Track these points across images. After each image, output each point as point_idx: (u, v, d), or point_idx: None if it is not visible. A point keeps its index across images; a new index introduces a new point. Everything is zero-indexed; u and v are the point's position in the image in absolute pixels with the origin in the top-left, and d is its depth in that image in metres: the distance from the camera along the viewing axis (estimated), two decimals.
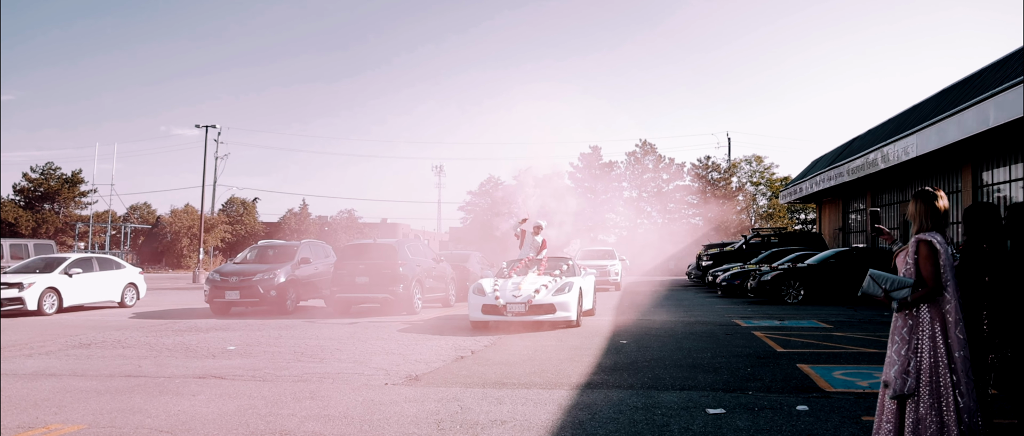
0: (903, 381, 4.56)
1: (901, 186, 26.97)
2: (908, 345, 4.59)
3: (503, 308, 11.93)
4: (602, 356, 9.17)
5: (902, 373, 4.58)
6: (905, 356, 4.58)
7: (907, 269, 4.68)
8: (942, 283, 4.52)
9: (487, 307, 12.12)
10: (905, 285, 4.61)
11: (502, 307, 11.94)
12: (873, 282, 4.71)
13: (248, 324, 13.71)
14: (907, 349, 4.59)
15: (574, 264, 14.47)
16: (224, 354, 9.80)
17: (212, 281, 16.09)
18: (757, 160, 65.36)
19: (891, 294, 4.66)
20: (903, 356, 4.58)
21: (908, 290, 4.58)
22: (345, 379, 7.79)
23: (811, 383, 7.24)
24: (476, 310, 12.22)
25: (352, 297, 15.61)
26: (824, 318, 13.98)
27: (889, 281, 4.68)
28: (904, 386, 4.56)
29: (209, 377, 8.02)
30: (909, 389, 4.56)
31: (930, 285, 4.52)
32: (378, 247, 16.26)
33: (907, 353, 4.58)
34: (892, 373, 4.63)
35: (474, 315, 12.23)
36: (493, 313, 12.03)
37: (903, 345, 4.60)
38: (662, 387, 7.13)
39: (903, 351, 4.59)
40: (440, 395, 6.88)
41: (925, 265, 4.56)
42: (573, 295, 12.29)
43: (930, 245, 4.56)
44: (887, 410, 4.67)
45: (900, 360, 4.59)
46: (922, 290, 4.54)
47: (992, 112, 16.42)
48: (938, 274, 4.53)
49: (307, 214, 67.17)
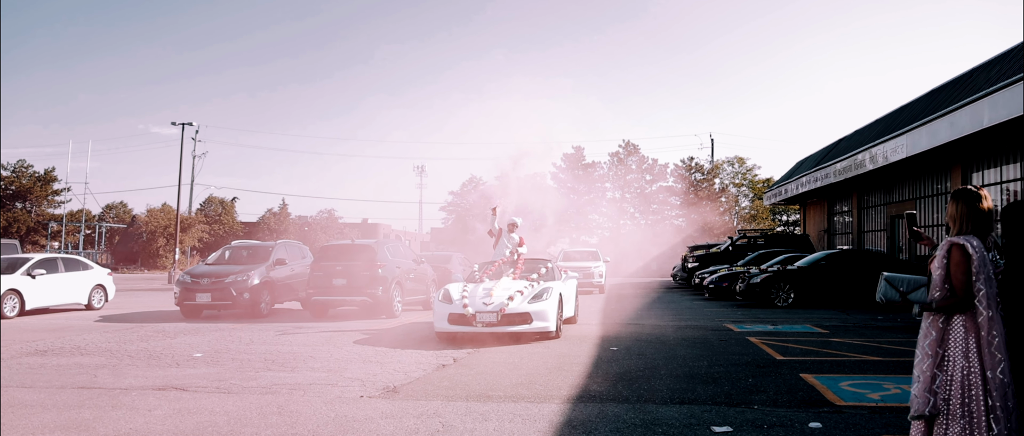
0: (925, 400, 4.06)
1: (888, 187, 26.72)
2: (933, 360, 4.08)
3: (472, 318, 10.55)
4: (592, 365, 8.64)
5: (925, 391, 4.07)
6: (930, 372, 4.07)
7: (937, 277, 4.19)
8: (973, 292, 4.03)
9: (454, 317, 10.72)
10: (921, 284, 4.15)
11: (471, 317, 10.55)
12: (889, 286, 4.23)
13: (219, 328, 13.06)
14: (931, 364, 4.08)
15: (554, 267, 13.01)
16: (189, 362, 9.17)
17: (182, 283, 15.41)
18: (739, 161, 65.32)
19: (909, 297, 4.19)
20: (927, 372, 4.08)
21: (924, 290, 4.13)
22: (317, 391, 7.21)
23: (819, 396, 6.75)
24: (442, 320, 10.83)
25: (329, 300, 14.99)
26: (817, 322, 13.56)
27: (905, 282, 4.21)
28: (926, 406, 4.06)
29: (169, 389, 7.40)
30: (932, 410, 4.06)
31: (960, 295, 4.03)
32: (356, 248, 15.65)
33: (932, 369, 4.08)
34: (914, 390, 4.13)
35: (439, 326, 10.86)
36: (460, 323, 10.66)
37: (928, 359, 4.10)
38: (659, 400, 6.61)
39: (926, 366, 4.09)
40: (420, 410, 6.32)
41: (956, 272, 4.05)
42: (551, 302, 10.93)
43: (963, 250, 4.05)
44: (913, 430, 4.18)
45: (924, 377, 4.08)
46: (952, 298, 4.05)
47: (987, 112, 16.11)
48: (969, 283, 4.03)
49: (287, 214, 66.23)
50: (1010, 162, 18.89)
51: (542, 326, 10.72)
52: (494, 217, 13.73)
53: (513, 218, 13.60)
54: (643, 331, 12.14)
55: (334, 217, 62.49)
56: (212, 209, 63.22)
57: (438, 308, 10.99)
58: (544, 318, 10.75)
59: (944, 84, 21.92)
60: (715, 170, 61.04)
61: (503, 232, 13.50)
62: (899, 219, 26.13)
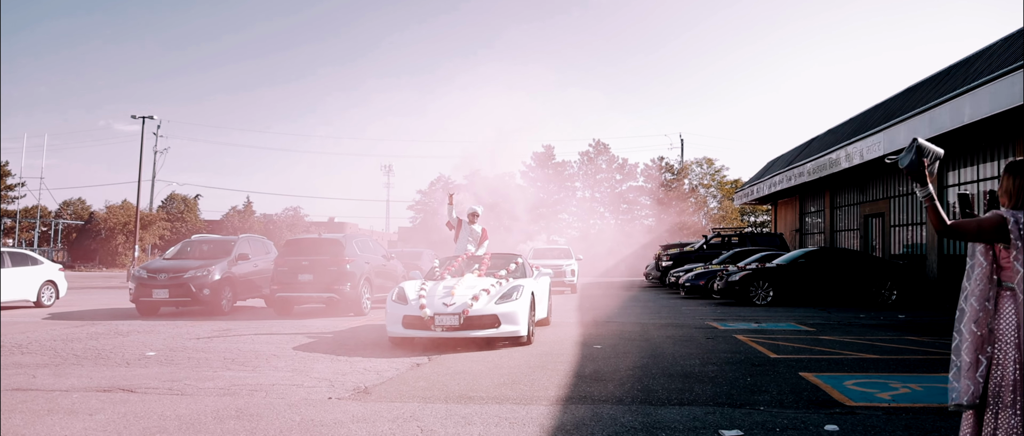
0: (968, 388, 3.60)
1: (862, 187, 26.67)
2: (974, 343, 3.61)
3: (429, 321, 9.07)
4: (578, 363, 8.10)
5: (968, 379, 3.61)
6: (971, 357, 3.60)
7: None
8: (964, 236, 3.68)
9: (409, 319, 9.26)
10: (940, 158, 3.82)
11: (428, 320, 9.07)
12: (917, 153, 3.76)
13: (176, 326, 12.28)
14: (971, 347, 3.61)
15: (525, 263, 11.45)
16: (141, 361, 8.44)
17: (138, 278, 14.55)
18: (708, 163, 65.57)
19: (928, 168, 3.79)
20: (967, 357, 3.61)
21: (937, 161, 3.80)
22: (280, 392, 6.56)
23: (826, 396, 6.28)
24: (395, 323, 9.35)
25: (294, 296, 14.25)
26: (801, 320, 13.20)
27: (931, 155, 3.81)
28: (967, 395, 3.60)
29: (115, 390, 6.69)
30: (970, 399, 3.59)
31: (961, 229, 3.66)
32: (323, 242, 14.94)
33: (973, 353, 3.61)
34: (956, 379, 3.66)
35: (392, 329, 9.39)
36: (417, 327, 9.20)
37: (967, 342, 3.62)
38: (657, 401, 6.09)
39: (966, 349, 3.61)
40: (395, 413, 5.72)
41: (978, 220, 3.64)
42: (522, 302, 9.49)
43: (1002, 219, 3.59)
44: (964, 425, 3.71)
45: (965, 363, 3.61)
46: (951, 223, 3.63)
47: (967, 108, 15.94)
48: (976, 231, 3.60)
49: (251, 212, 64.88)
50: (989, 160, 18.80)
51: (511, 330, 9.29)
52: (451, 206, 12.21)
53: (473, 207, 12.31)
54: (625, 329, 11.64)
55: (300, 215, 61.34)
56: (174, 207, 61.61)
57: (391, 309, 9.53)
58: (514, 321, 9.31)
59: (923, 81, 21.82)
60: (685, 171, 61.06)
61: (463, 223, 12.20)
62: (873, 218, 26.07)
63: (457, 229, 12.32)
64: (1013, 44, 16.13)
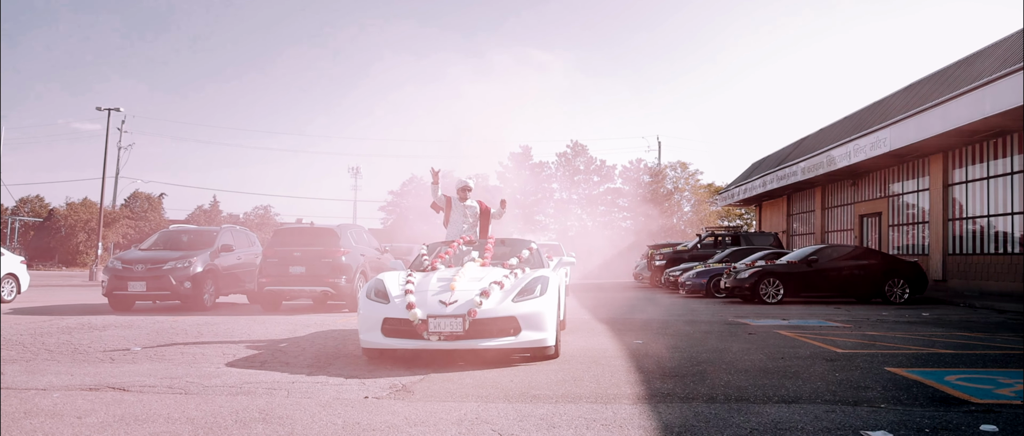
0: None
1: (856, 186, 26.26)
2: None
3: (421, 326, 6.55)
4: (631, 359, 7.19)
5: None
6: None
7: None
8: None
9: (392, 325, 6.69)
10: None
11: (420, 325, 6.55)
12: None
13: (157, 321, 11.11)
14: None
15: (539, 249, 8.96)
16: (127, 357, 7.34)
17: (112, 270, 13.32)
18: (682, 166, 65.32)
19: None
20: None
21: None
22: (305, 390, 5.55)
23: (940, 393, 5.46)
24: (371, 329, 6.78)
25: (285, 290, 13.15)
26: (826, 317, 12.46)
27: None
28: None
29: (105, 389, 5.62)
30: None
31: None
32: (316, 232, 13.87)
33: None
34: None
35: (368, 338, 6.79)
36: (402, 336, 6.63)
37: None
38: (754, 399, 5.21)
39: None
40: (454, 414, 4.75)
41: None
42: (548, 300, 6.92)
43: None
44: None
45: None
46: None
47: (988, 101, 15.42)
48: None
49: (218, 211, 63.10)
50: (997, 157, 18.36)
51: (535, 339, 6.71)
52: (437, 185, 9.54)
53: (464, 180, 9.60)
54: (651, 326, 10.76)
55: (270, 214, 59.69)
56: (138, 205, 59.50)
57: (366, 309, 6.91)
58: (538, 325, 6.74)
59: (922, 79, 21.41)
60: (662, 173, 60.72)
61: (453, 202, 9.50)
62: (868, 218, 25.66)
63: (446, 210, 9.57)
64: None
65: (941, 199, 20.33)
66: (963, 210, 19.65)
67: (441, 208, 9.67)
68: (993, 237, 18.49)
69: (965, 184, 19.56)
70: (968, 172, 19.44)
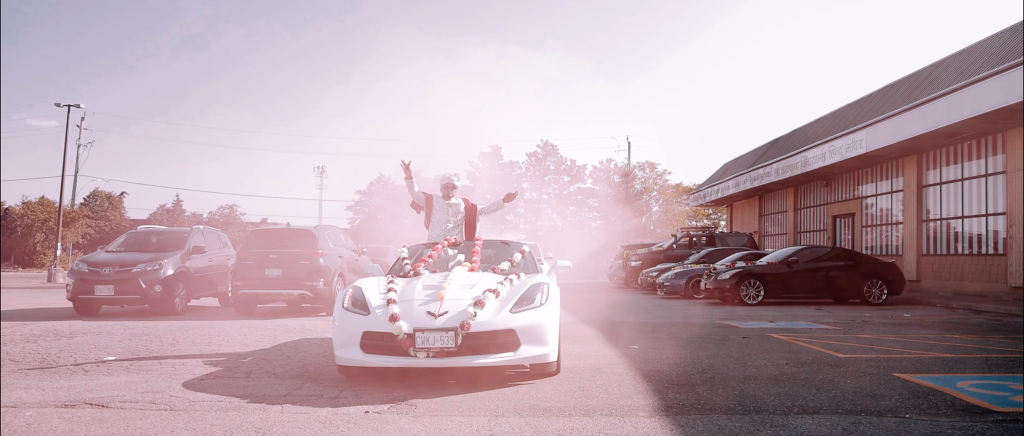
0: None
1: (830, 187, 26.45)
2: None
3: (408, 341, 5.74)
4: (633, 367, 6.96)
5: None
6: None
7: None
8: None
9: (373, 339, 5.91)
10: None
11: (405, 339, 5.74)
12: None
13: (127, 327, 10.62)
14: None
15: (532, 252, 8.16)
16: (101, 368, 6.92)
17: (78, 273, 12.74)
18: (650, 167, 65.60)
19: None
20: None
21: None
22: (299, 404, 5.21)
23: (960, 401, 5.31)
24: (348, 344, 5.98)
25: (261, 293, 12.72)
26: (811, 318, 12.41)
27: None
28: None
29: (81, 405, 5.22)
30: None
31: None
32: (293, 233, 13.47)
33: None
34: None
35: (345, 354, 5.99)
36: (386, 352, 5.84)
37: None
38: (772, 410, 5.00)
39: None
40: (465, 430, 4.47)
41: None
42: (549, 310, 6.21)
43: None
44: None
45: None
46: None
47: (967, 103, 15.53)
48: None
49: (181, 210, 61.81)
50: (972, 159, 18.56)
51: (536, 353, 5.97)
52: (411, 180, 8.70)
53: (449, 177, 8.79)
54: (642, 330, 10.56)
55: (236, 214, 58.58)
56: (98, 204, 57.96)
57: (343, 321, 6.12)
58: (539, 339, 6.00)
59: (895, 82, 21.59)
60: (630, 173, 60.92)
61: (435, 200, 8.70)
62: (841, 219, 25.87)
63: (427, 209, 8.76)
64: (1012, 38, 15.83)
65: (916, 200, 20.52)
66: (938, 211, 19.85)
67: (421, 207, 8.86)
68: (967, 238, 18.69)
69: (940, 185, 19.75)
70: (943, 174, 19.63)
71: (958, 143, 18.66)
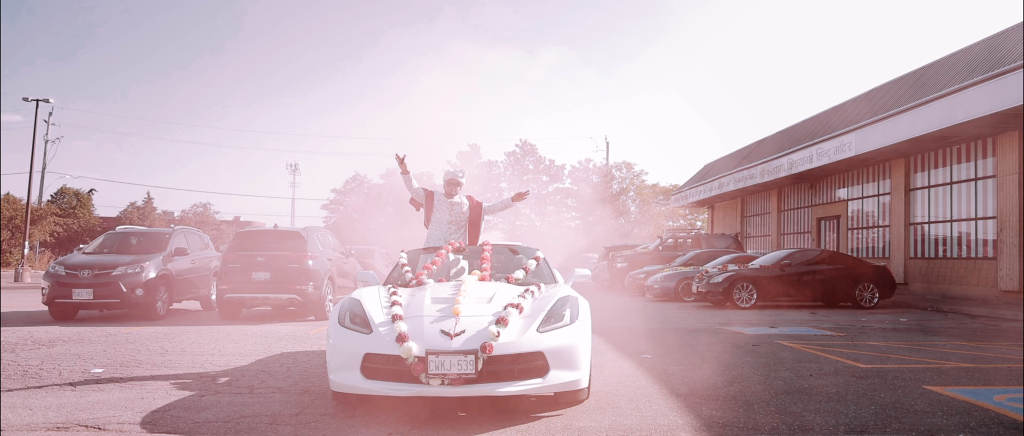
0: None
1: (814, 189, 26.50)
2: None
3: (419, 364, 4.90)
4: (658, 379, 6.68)
5: None
6: None
7: None
8: None
9: (375, 362, 5.09)
10: None
11: (416, 364, 4.90)
12: None
13: (110, 334, 10.12)
14: None
15: (546, 260, 7.26)
16: (90, 382, 6.48)
17: (54, 276, 12.19)
18: (627, 167, 65.67)
19: None
20: None
21: None
22: (313, 426, 4.85)
23: (1006, 418, 5.11)
24: (347, 368, 5.14)
25: (248, 297, 12.26)
26: (809, 323, 12.25)
27: None
28: None
29: (76, 427, 4.82)
30: None
31: None
32: (281, 235, 13.02)
33: None
34: None
35: (341, 379, 5.16)
36: (392, 378, 5.02)
37: None
38: (822, 429, 4.76)
39: None
40: None
41: None
42: (580, 329, 5.39)
43: None
44: None
45: None
46: None
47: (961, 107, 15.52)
48: None
49: (152, 208, 60.51)
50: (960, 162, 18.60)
51: (568, 380, 5.15)
52: (408, 175, 7.96)
53: (453, 174, 7.94)
54: (647, 337, 10.30)
55: (210, 212, 57.52)
56: (66, 201, 56.54)
57: (339, 340, 5.27)
58: (572, 362, 5.18)
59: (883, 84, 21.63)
60: (609, 174, 60.92)
61: (436, 197, 7.91)
62: (826, 221, 25.93)
63: (427, 207, 7.98)
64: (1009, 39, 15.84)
65: (903, 203, 20.55)
66: (926, 214, 19.89)
67: (421, 204, 8.06)
68: (956, 241, 18.73)
69: (928, 189, 19.80)
70: (931, 177, 19.68)
71: (948, 147, 18.70)
